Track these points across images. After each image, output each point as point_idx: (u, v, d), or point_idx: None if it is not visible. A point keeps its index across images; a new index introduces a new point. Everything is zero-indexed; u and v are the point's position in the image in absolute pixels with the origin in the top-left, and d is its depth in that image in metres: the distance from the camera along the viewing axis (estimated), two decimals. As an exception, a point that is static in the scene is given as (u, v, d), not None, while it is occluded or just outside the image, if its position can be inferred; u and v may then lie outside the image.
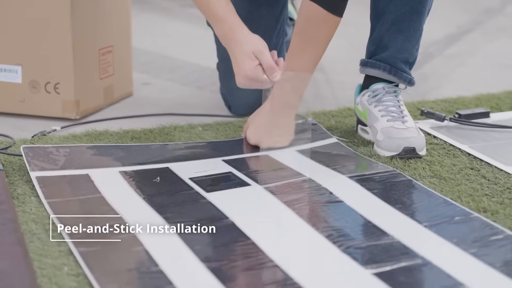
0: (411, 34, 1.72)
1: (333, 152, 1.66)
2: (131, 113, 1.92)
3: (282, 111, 1.66)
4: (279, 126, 1.67)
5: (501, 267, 1.17)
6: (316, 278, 1.14)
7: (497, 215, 1.36)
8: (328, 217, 1.35)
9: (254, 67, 1.50)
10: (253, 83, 1.52)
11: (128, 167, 1.56)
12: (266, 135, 1.66)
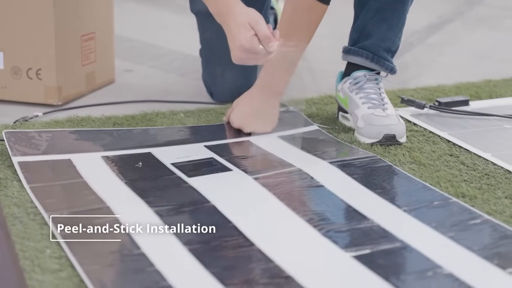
0: (394, 23, 1.73)
1: (314, 139, 1.68)
2: (113, 100, 1.93)
3: (268, 96, 1.68)
4: (264, 111, 1.69)
5: (478, 250, 1.19)
6: (297, 261, 1.15)
7: (475, 200, 1.38)
8: (308, 202, 1.36)
9: (250, 37, 1.48)
10: (249, 56, 1.50)
11: (110, 152, 1.56)
12: (250, 119, 1.68)
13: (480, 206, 1.35)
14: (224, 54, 1.88)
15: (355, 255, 1.17)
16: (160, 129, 1.72)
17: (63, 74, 1.88)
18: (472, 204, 1.36)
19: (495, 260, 1.16)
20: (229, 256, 1.17)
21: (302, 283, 1.09)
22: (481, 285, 1.09)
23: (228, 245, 1.20)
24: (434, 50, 2.56)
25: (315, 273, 1.12)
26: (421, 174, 1.49)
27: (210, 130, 1.72)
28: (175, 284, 1.08)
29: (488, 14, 3.20)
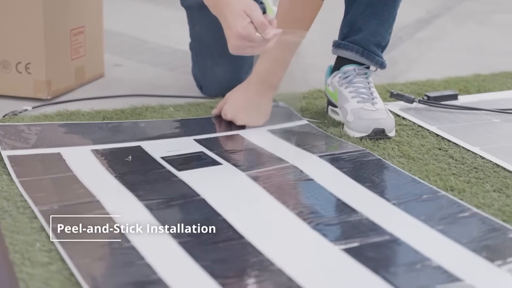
0: (385, 18, 1.73)
1: (304, 133, 1.68)
2: (102, 94, 1.92)
3: (262, 89, 1.69)
4: (257, 105, 1.70)
5: (467, 243, 1.20)
6: (287, 254, 1.16)
7: (464, 193, 1.38)
8: (298, 195, 1.37)
9: (246, 24, 1.46)
10: (246, 43, 1.48)
11: (99, 146, 1.56)
12: (242, 112, 1.69)
13: (468, 200, 1.36)
14: (214, 48, 1.88)
15: (345, 248, 1.17)
16: (150, 122, 1.72)
17: (52, 68, 1.88)
18: (460, 198, 1.36)
19: (484, 253, 1.17)
20: (219, 249, 1.17)
21: (291, 276, 1.09)
22: (470, 278, 1.10)
23: (218, 238, 1.20)
24: (423, 45, 2.57)
25: (305, 266, 1.13)
26: (410, 167, 1.50)
27: (199, 123, 1.73)
28: (165, 277, 1.08)
29: (476, 8, 3.21)
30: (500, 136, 1.69)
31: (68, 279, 1.08)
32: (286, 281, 1.08)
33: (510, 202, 1.35)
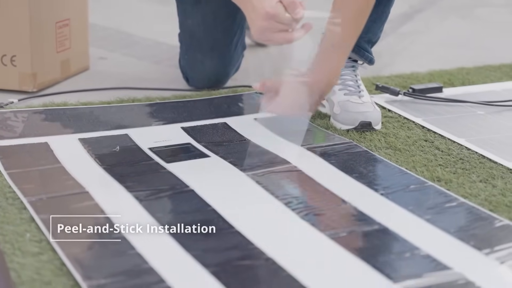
0: (378, 16, 1.74)
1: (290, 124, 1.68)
2: (88, 87, 1.92)
3: (315, 94, 1.58)
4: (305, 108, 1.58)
5: (455, 232, 1.21)
6: (276, 243, 1.16)
7: (451, 184, 1.40)
8: (287, 185, 1.37)
9: (275, 3, 1.40)
10: (273, 25, 1.41)
11: (87, 134, 1.56)
12: (288, 111, 1.58)
13: (455, 190, 1.37)
14: (205, 41, 1.88)
15: (334, 237, 1.18)
16: (136, 106, 1.72)
17: (37, 61, 1.87)
18: (447, 188, 1.38)
19: (471, 242, 1.18)
20: (209, 239, 1.18)
21: (282, 265, 1.10)
22: (458, 266, 1.11)
23: (208, 228, 1.20)
24: (407, 39, 2.58)
25: (295, 255, 1.14)
26: (397, 159, 1.51)
27: (186, 107, 1.73)
28: (156, 266, 1.08)
29: (458, 3, 3.23)
30: (484, 128, 1.70)
31: (59, 268, 1.08)
32: (277, 269, 1.09)
33: (496, 192, 1.36)
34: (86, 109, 1.70)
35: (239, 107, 1.78)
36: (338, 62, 1.61)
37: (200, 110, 1.73)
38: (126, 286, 1.04)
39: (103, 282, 1.04)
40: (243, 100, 1.82)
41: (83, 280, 1.04)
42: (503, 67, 2.19)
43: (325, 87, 1.59)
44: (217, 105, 1.77)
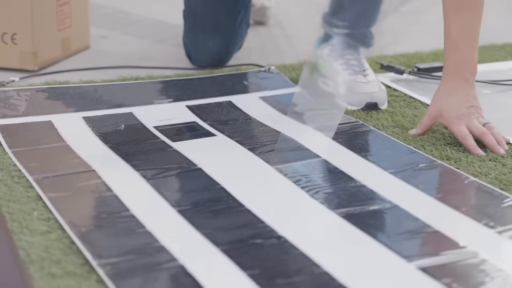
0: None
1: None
2: (89, 65, 1.90)
3: (459, 83, 1.50)
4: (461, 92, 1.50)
5: (466, 210, 1.20)
6: (287, 222, 1.15)
7: (460, 162, 1.38)
8: (295, 163, 1.36)
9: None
10: None
11: (91, 112, 1.55)
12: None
13: (465, 169, 1.36)
14: (207, 21, 1.86)
15: (345, 215, 1.17)
16: (140, 84, 1.70)
17: (38, 39, 1.85)
18: (457, 167, 1.36)
19: (484, 220, 1.17)
20: (219, 218, 1.16)
21: (294, 243, 1.09)
22: (472, 244, 1.10)
23: (217, 207, 1.19)
24: (409, 18, 2.57)
25: (306, 233, 1.12)
26: (405, 138, 1.49)
27: (190, 85, 1.72)
28: (168, 245, 1.07)
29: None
30: (491, 107, 1.69)
31: (68, 247, 1.07)
32: (290, 248, 1.08)
33: (506, 171, 1.35)
34: (90, 87, 1.68)
35: (244, 85, 1.76)
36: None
37: (204, 88, 1.71)
38: (137, 265, 1.02)
39: (113, 261, 1.03)
40: (247, 78, 1.80)
41: (93, 259, 1.03)
42: (507, 47, 2.17)
43: None
44: (221, 83, 1.76)
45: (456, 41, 1.47)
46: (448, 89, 1.49)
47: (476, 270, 1.04)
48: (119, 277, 0.99)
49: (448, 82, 1.49)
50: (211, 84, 1.73)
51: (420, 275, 1.02)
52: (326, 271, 1.02)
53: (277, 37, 2.26)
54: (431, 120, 1.50)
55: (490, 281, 1.02)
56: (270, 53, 2.09)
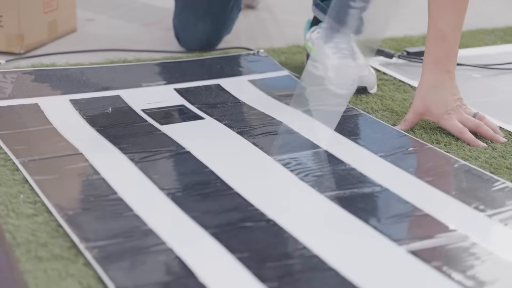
0: None
1: (285, 87, 1.66)
2: (76, 48, 1.88)
3: (442, 75, 1.46)
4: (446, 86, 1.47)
5: (457, 194, 1.19)
6: (276, 205, 1.14)
7: (450, 146, 1.38)
8: (284, 147, 1.34)
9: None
10: None
11: (78, 95, 1.53)
12: None
13: (455, 152, 1.35)
14: (199, 5, 1.84)
15: (334, 198, 1.16)
16: (128, 66, 1.69)
17: (25, 22, 1.83)
18: (447, 150, 1.36)
19: (474, 204, 1.16)
20: (208, 201, 1.15)
21: (284, 226, 1.08)
22: (463, 228, 1.09)
23: (206, 190, 1.18)
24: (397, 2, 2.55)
25: (296, 217, 1.11)
26: (394, 121, 1.49)
27: (178, 68, 1.70)
28: (156, 228, 1.06)
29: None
30: (481, 91, 1.69)
31: (55, 230, 1.05)
32: (279, 231, 1.07)
33: (496, 154, 1.35)
34: (76, 70, 1.66)
35: (232, 68, 1.75)
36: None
37: (193, 71, 1.70)
38: (125, 248, 1.01)
39: (101, 244, 1.02)
40: (236, 61, 1.79)
41: (80, 242, 1.02)
42: (496, 31, 2.17)
43: None
44: (209, 66, 1.74)
45: (444, 32, 1.44)
46: (432, 83, 1.45)
47: (466, 253, 1.04)
48: (107, 260, 0.98)
49: (431, 75, 1.45)
50: (199, 67, 1.71)
51: (410, 258, 1.01)
52: (316, 254, 1.01)
53: (266, 20, 2.25)
54: (417, 117, 1.46)
55: (480, 264, 1.01)
56: (259, 36, 2.08)
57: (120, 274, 0.95)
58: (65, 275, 0.95)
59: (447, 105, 1.43)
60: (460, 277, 0.97)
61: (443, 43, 1.45)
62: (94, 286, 0.94)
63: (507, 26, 2.21)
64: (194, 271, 0.96)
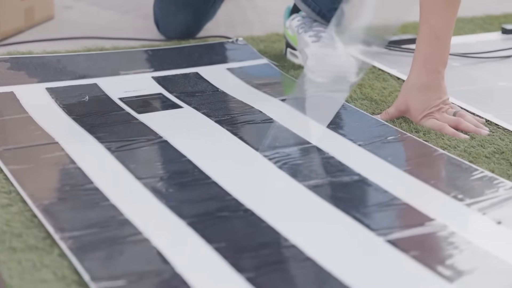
0: None
1: (263, 76, 1.65)
2: (53, 36, 1.86)
3: (430, 76, 1.44)
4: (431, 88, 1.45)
5: (435, 183, 1.19)
6: (254, 194, 1.13)
7: (429, 135, 1.37)
8: (262, 136, 1.34)
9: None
10: None
11: (54, 83, 1.51)
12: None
13: (434, 141, 1.35)
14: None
15: (313, 187, 1.15)
16: (105, 54, 1.67)
17: (1, 8, 1.81)
18: (426, 139, 1.35)
19: (452, 193, 1.16)
20: (185, 190, 1.14)
21: (261, 216, 1.07)
22: (441, 217, 1.09)
23: (184, 179, 1.17)
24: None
25: (274, 206, 1.11)
26: (374, 110, 1.48)
27: (156, 56, 1.69)
28: (132, 218, 1.05)
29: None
30: (460, 80, 1.68)
31: (30, 220, 1.04)
32: (256, 221, 1.06)
33: (475, 143, 1.34)
34: (53, 57, 1.64)
35: (211, 56, 1.73)
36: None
37: (171, 59, 1.68)
38: (101, 238, 1.00)
39: (76, 234, 1.00)
40: (215, 49, 1.78)
41: (55, 232, 1.00)
42: (475, 20, 2.16)
43: None
44: (188, 54, 1.73)
45: (437, 32, 1.41)
46: (418, 83, 1.42)
47: (444, 242, 1.03)
48: (82, 250, 0.97)
49: (418, 75, 1.42)
50: (177, 55, 1.70)
51: (389, 248, 1.00)
52: (294, 244, 1.00)
53: (245, 9, 2.23)
54: (398, 114, 1.44)
55: (458, 253, 1.01)
56: (239, 24, 2.07)
57: (95, 265, 0.94)
58: (40, 266, 0.94)
59: (426, 108, 1.41)
60: (439, 267, 0.97)
61: (434, 42, 1.42)
62: (69, 277, 0.92)
63: (487, 14, 2.20)
64: (171, 261, 0.95)
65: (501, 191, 1.16)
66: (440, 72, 1.43)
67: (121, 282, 0.91)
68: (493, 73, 1.74)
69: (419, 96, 1.42)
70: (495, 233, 1.07)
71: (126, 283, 0.91)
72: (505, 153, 1.30)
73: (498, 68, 1.77)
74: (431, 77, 1.43)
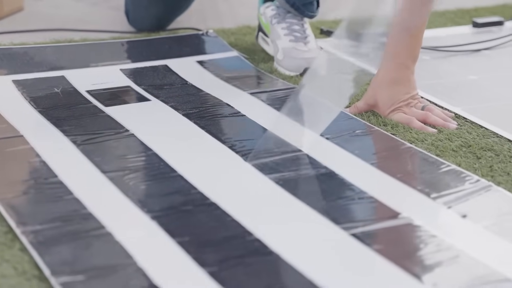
0: None
1: (233, 69, 1.64)
2: (22, 28, 1.84)
3: (399, 71, 1.43)
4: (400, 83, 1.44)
5: (402, 177, 1.19)
6: (220, 188, 1.13)
7: (397, 128, 1.37)
8: (230, 129, 1.33)
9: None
10: None
11: (21, 75, 1.50)
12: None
13: (402, 135, 1.35)
14: None
15: (278, 180, 1.15)
16: (72, 46, 1.65)
17: (-32, 0, 1.79)
18: (393, 133, 1.35)
19: (419, 186, 1.16)
20: (150, 184, 1.13)
21: (226, 210, 1.06)
22: (406, 210, 1.08)
23: (150, 173, 1.16)
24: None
25: (239, 200, 1.10)
26: (342, 103, 1.48)
27: (125, 48, 1.67)
28: (96, 212, 1.04)
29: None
30: (430, 73, 1.68)
31: (-9, 214, 1.03)
32: (221, 215, 1.05)
33: (442, 137, 1.34)
34: (20, 49, 1.62)
35: (181, 48, 1.72)
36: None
37: (140, 52, 1.67)
38: (63, 232, 0.99)
39: (38, 228, 0.99)
40: (184, 41, 1.76)
41: (17, 226, 0.99)
42: (447, 13, 2.17)
43: None
44: (157, 46, 1.72)
45: (409, 27, 1.40)
46: (387, 78, 1.41)
47: (410, 236, 1.03)
48: (43, 245, 0.95)
49: (389, 69, 1.41)
50: (146, 48, 1.69)
51: (353, 242, 1.00)
52: (258, 238, 1.00)
53: (217, 0, 2.22)
54: (367, 107, 1.44)
55: (424, 247, 1.01)
56: (210, 16, 2.06)
57: (57, 259, 0.93)
58: (0, 261, 0.93)
59: (394, 102, 1.40)
60: (403, 260, 0.97)
61: (405, 37, 1.41)
62: (29, 272, 0.91)
63: (458, 8, 2.21)
64: (133, 256, 0.94)
65: (467, 184, 1.17)
66: (410, 67, 1.43)
67: (82, 277, 0.90)
68: (463, 67, 1.74)
69: (388, 90, 1.42)
70: (460, 226, 1.07)
71: (87, 278, 0.90)
72: (472, 146, 1.31)
73: (468, 62, 1.77)
74: (400, 72, 1.42)
